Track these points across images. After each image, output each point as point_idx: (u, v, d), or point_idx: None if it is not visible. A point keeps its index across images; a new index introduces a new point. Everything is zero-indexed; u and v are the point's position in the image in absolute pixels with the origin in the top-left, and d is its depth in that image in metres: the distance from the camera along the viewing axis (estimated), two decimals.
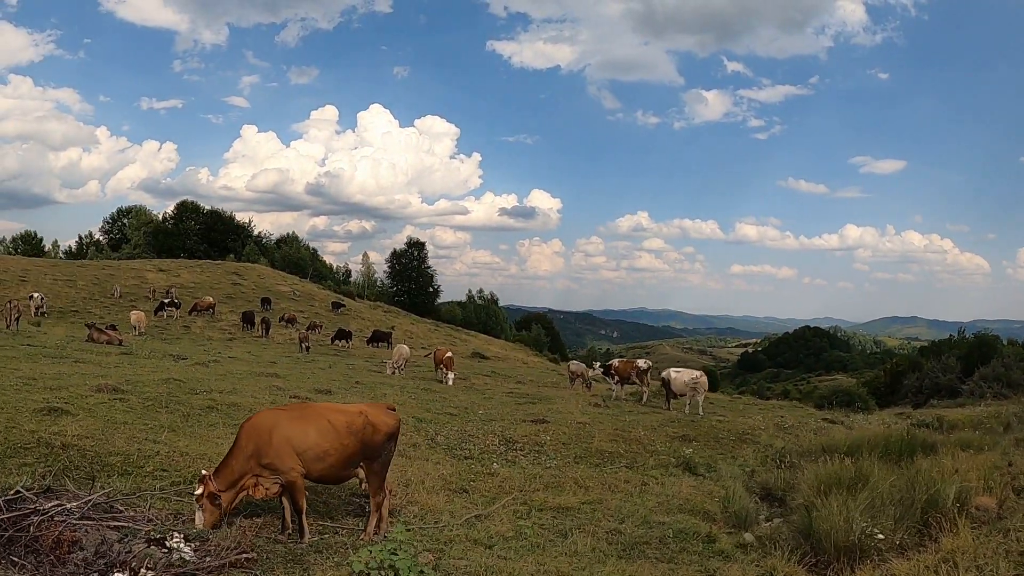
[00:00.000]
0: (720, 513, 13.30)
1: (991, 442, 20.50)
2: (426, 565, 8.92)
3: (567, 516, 12.74)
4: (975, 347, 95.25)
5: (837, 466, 14.80)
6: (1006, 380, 72.28)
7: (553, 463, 17.30)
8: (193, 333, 50.09)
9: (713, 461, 18.78)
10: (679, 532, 11.79)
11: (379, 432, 10.84)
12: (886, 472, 14.14)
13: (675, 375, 27.52)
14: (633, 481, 15.71)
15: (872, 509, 11.68)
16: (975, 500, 12.65)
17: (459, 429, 19.67)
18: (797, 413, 33.16)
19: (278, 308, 64.97)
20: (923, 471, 13.88)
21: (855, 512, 11.06)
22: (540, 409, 24.67)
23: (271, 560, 9.44)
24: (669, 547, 11.18)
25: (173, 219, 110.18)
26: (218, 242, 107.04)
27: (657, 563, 10.46)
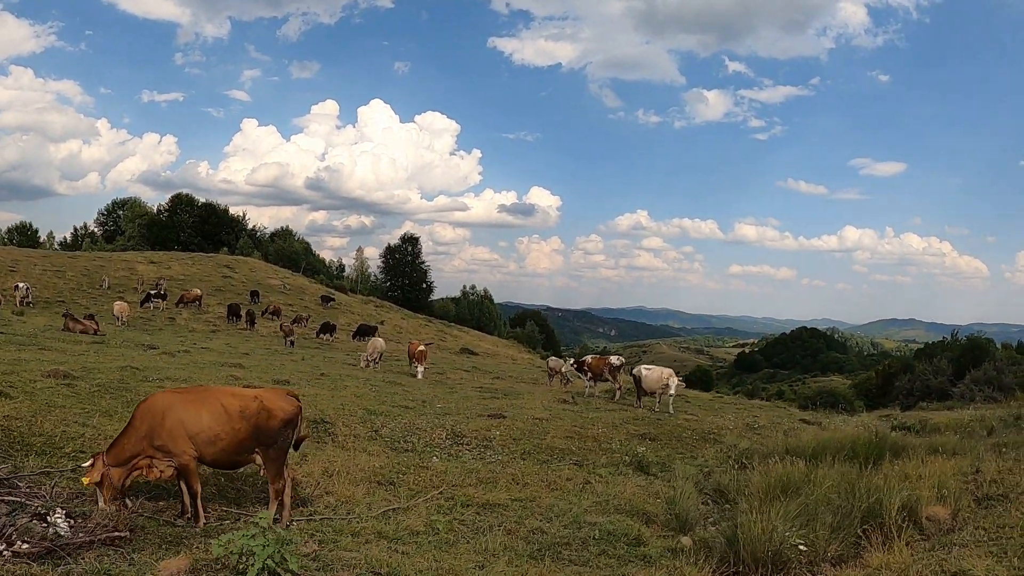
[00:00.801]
0: (663, 515, 12.79)
1: (967, 447, 19.89)
2: (296, 554, 8.72)
3: (492, 513, 12.34)
4: (967, 350, 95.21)
5: (787, 469, 14.52)
6: (997, 383, 72.09)
7: (497, 458, 16.90)
8: (177, 325, 49.69)
9: (670, 461, 18.36)
10: (607, 534, 11.35)
11: (274, 418, 10.55)
12: (836, 477, 13.79)
13: (646, 372, 27.10)
14: (576, 479, 15.27)
15: (806, 517, 11.24)
16: (927, 510, 12.25)
17: (409, 422, 19.20)
18: (775, 414, 32.81)
19: (267, 301, 64.58)
20: (871, 477, 13.54)
21: (777, 520, 10.50)
22: (502, 404, 24.25)
23: (145, 540, 9.32)
24: (589, 549, 10.75)
25: (167, 212, 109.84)
26: (212, 235, 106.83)
27: (568, 565, 10.04)
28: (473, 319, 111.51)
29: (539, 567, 9.59)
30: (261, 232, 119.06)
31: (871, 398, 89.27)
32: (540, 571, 9.39)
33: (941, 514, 12.19)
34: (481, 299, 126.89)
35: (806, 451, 17.99)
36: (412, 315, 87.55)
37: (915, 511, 12.11)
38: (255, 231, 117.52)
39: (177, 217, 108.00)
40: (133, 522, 9.73)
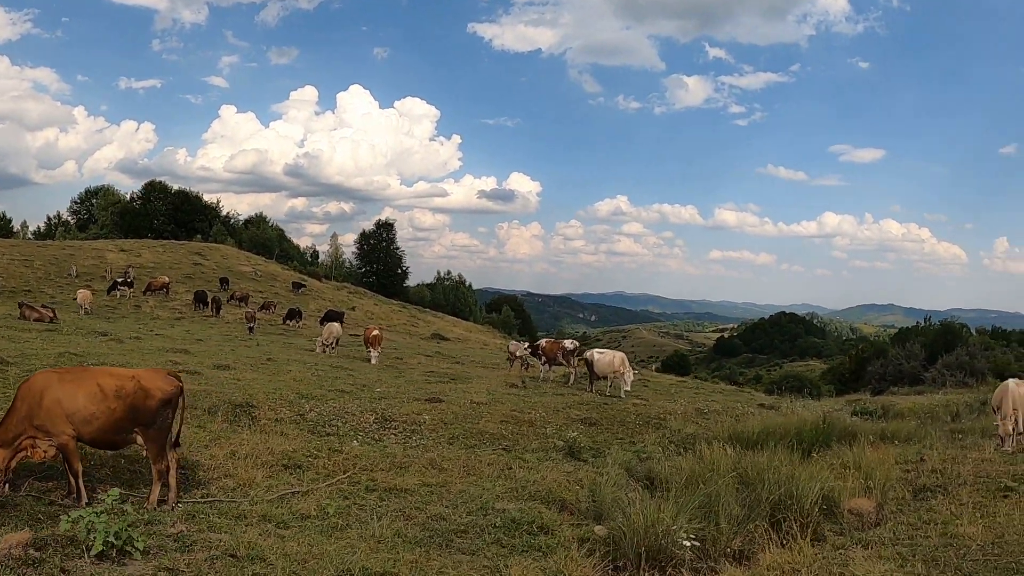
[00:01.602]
0: (584, 502, 12.42)
1: (922, 433, 19.91)
2: (159, 534, 8.81)
3: (397, 498, 12.00)
4: (940, 335, 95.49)
5: (713, 456, 14.22)
6: (969, 369, 72.25)
7: (421, 443, 16.66)
8: (142, 312, 49.31)
9: (607, 446, 18.07)
10: (511, 521, 10.90)
11: (152, 398, 10.29)
12: (764, 465, 13.20)
13: (598, 356, 26.82)
14: (497, 464, 14.87)
15: (709, 508, 10.68)
16: (850, 502, 11.74)
17: (340, 406, 18.88)
18: (736, 398, 32.64)
19: (237, 288, 64.02)
20: (798, 466, 12.91)
21: (667, 513, 9.86)
22: (446, 388, 23.94)
23: (7, 517, 9.31)
24: (484, 537, 10.33)
25: (141, 199, 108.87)
26: (186, 223, 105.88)
27: (454, 554, 9.60)
28: (448, 305, 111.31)
29: (418, 554, 9.16)
30: (235, 219, 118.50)
31: (844, 383, 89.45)
32: (416, 558, 8.97)
33: (865, 507, 11.65)
34: (456, 285, 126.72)
35: (750, 437, 17.77)
36: (385, 301, 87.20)
37: (837, 503, 11.70)
38: (229, 218, 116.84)
39: (150, 205, 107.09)
40: None
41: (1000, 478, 13.10)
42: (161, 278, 59.46)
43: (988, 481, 13.01)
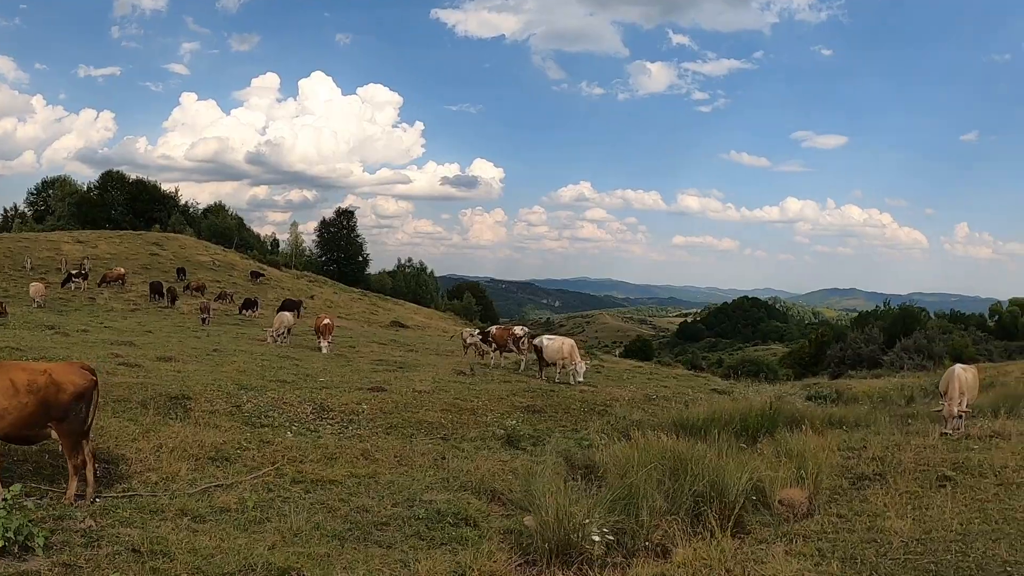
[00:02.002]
0: (517, 492, 12.27)
1: (871, 418, 19.52)
2: (67, 530, 8.64)
3: (324, 490, 11.80)
4: (899, 319, 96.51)
5: (647, 443, 14.01)
6: (927, 352, 72.93)
7: (357, 433, 16.47)
8: (97, 305, 48.92)
9: (548, 434, 18.12)
10: (437, 513, 10.78)
11: (64, 392, 10.08)
12: (701, 453, 12.93)
13: (547, 343, 26.76)
14: (432, 454, 14.77)
15: (629, 501, 10.22)
16: (781, 492, 11.18)
17: (278, 397, 18.69)
18: (691, 383, 32.73)
19: (194, 279, 63.53)
20: (735, 455, 12.36)
21: (576, 506, 9.42)
22: (391, 377, 23.82)
23: None
24: (404, 530, 10.19)
25: (98, 190, 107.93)
26: (144, 212, 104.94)
27: (369, 547, 9.43)
28: (410, 292, 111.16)
29: (330, 548, 9.02)
30: (194, 208, 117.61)
31: (804, 367, 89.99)
32: (326, 552, 8.79)
33: (796, 498, 11.05)
34: (418, 272, 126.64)
35: (695, 423, 17.55)
36: (346, 289, 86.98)
37: (768, 494, 11.15)
38: (188, 207, 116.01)
39: (108, 195, 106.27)
40: None
41: (940, 466, 12.67)
42: (117, 269, 58.97)
43: (928, 470, 12.58)
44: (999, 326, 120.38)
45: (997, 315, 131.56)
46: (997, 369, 53.38)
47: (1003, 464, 12.38)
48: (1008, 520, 9.49)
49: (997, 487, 11.23)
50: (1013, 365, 55.90)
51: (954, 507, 10.24)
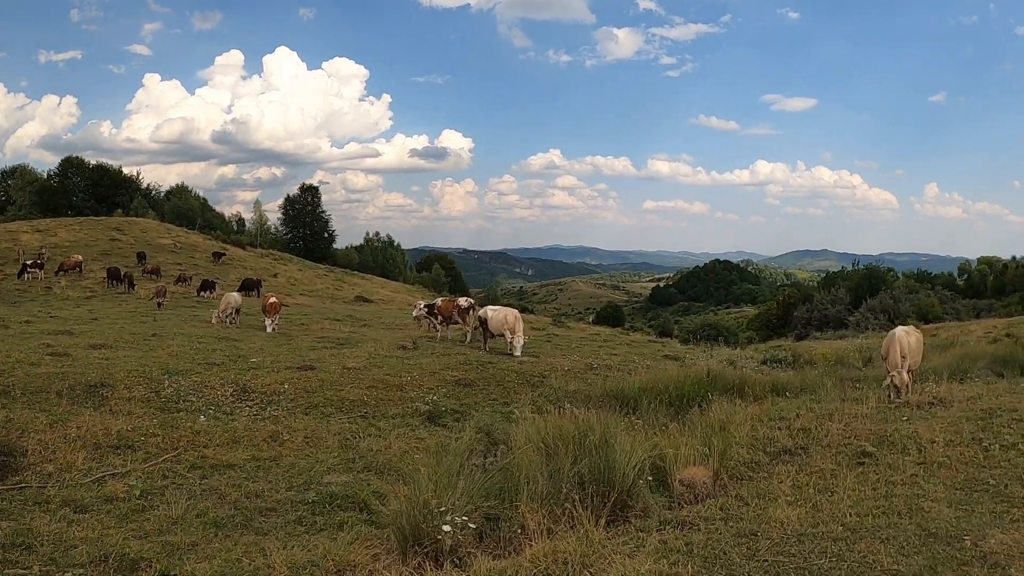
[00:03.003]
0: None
1: (816, 383, 19.12)
2: None
3: (222, 475, 11.72)
4: (865, 279, 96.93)
5: (551, 417, 13.36)
6: (893, 312, 73.53)
7: (274, 414, 16.33)
8: (53, 294, 48.55)
9: (475, 409, 17.99)
10: (328, 497, 10.67)
11: None
12: (568, 432, 11.62)
13: (491, 314, 26.58)
14: (344, 434, 14.73)
15: (510, 483, 9.29)
16: (682, 472, 10.20)
17: (201, 380, 18.52)
18: (643, 350, 32.64)
19: (155, 262, 63.03)
20: (590, 429, 10.38)
21: (427, 493, 8.40)
22: (327, 354, 23.69)
23: None
24: (287, 516, 10.09)
25: (58, 177, 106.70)
26: (106, 198, 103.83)
27: (246, 535, 9.28)
28: (377, 266, 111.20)
29: (199, 536, 8.90)
30: (156, 191, 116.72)
31: (772, 328, 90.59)
32: (193, 541, 8.65)
33: (700, 477, 10.15)
34: (386, 246, 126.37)
35: (628, 393, 17.50)
36: (311, 266, 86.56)
37: (668, 473, 10.25)
38: (150, 190, 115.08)
39: (68, 182, 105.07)
40: None
41: (864, 440, 11.84)
42: (74, 257, 58.37)
43: (852, 444, 11.74)
44: (968, 285, 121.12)
45: (966, 274, 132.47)
46: (960, 328, 53.92)
47: (931, 439, 11.48)
48: (912, 510, 8.58)
49: (917, 466, 10.38)
50: (976, 324, 56.41)
51: (860, 491, 9.43)
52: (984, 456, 10.56)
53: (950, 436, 11.64)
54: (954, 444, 11.24)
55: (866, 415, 13.74)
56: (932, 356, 25.40)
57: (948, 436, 11.64)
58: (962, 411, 13.55)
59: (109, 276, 53.59)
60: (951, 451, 10.88)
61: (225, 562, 8.06)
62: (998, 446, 10.92)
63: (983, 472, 9.88)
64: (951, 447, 11.10)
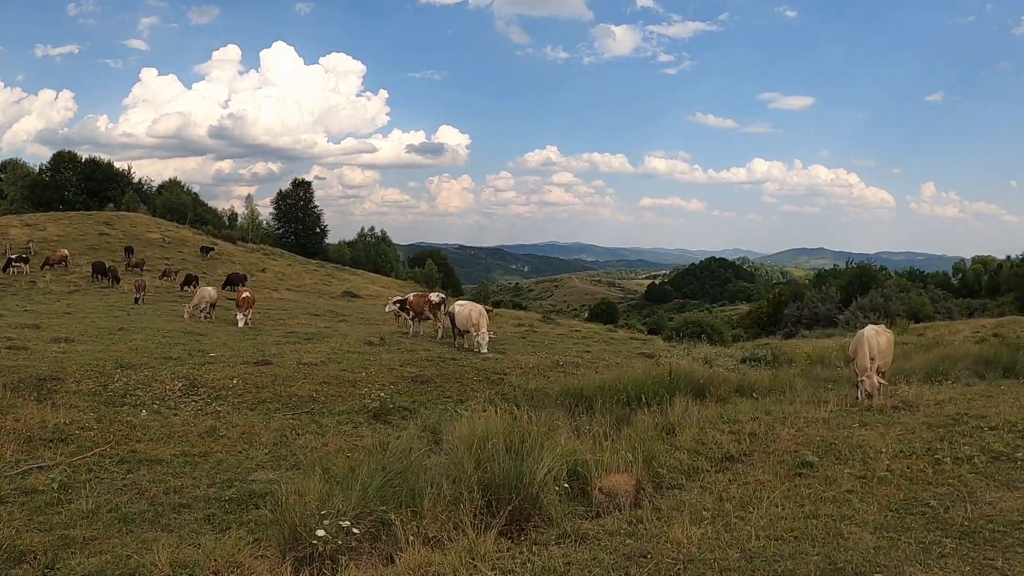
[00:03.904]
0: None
1: (786, 384, 18.54)
2: None
3: (149, 470, 11.73)
4: (856, 277, 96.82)
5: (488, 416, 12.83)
6: (884, 311, 73.37)
7: (218, 410, 16.33)
8: (37, 288, 48.32)
9: (427, 406, 17.81)
10: (247, 495, 10.60)
11: None
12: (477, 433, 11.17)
13: (458, 309, 26.55)
14: (283, 430, 14.70)
15: (409, 487, 8.90)
16: (604, 480, 9.55)
17: (152, 374, 18.52)
18: (619, 348, 32.55)
19: (142, 256, 62.86)
20: (499, 433, 9.72)
21: (311, 497, 8.24)
22: (287, 350, 23.59)
23: None
24: (199, 513, 10.03)
25: (50, 171, 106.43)
26: (97, 192, 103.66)
27: (151, 531, 9.23)
28: (369, 261, 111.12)
29: (103, 530, 8.92)
30: (148, 186, 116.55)
31: (762, 326, 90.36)
32: (95, 534, 8.72)
33: (622, 486, 9.46)
34: (378, 241, 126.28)
35: (586, 392, 17.26)
36: (302, 261, 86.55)
37: (588, 481, 9.69)
38: (142, 184, 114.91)
39: (60, 176, 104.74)
40: None
41: (809, 449, 11.16)
42: (60, 251, 58.01)
43: (796, 452, 11.04)
44: (963, 284, 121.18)
45: (961, 273, 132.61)
46: (948, 327, 53.50)
47: (880, 448, 10.89)
48: (829, 536, 7.82)
49: (856, 480, 9.68)
50: (965, 324, 56.03)
51: (783, 509, 8.70)
52: (933, 471, 9.95)
53: (902, 446, 11.11)
54: (903, 456, 10.68)
55: (822, 420, 13.22)
56: (914, 356, 25.39)
57: (900, 446, 11.11)
58: (927, 417, 13.17)
59: (94, 271, 53.30)
60: (898, 464, 10.27)
61: (113, 558, 8.00)
62: (951, 459, 10.33)
63: (926, 491, 9.19)
64: (899, 459, 10.51)
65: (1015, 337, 36.57)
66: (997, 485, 9.33)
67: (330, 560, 7.58)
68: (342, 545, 7.66)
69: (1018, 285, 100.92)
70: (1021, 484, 9.30)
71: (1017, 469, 9.96)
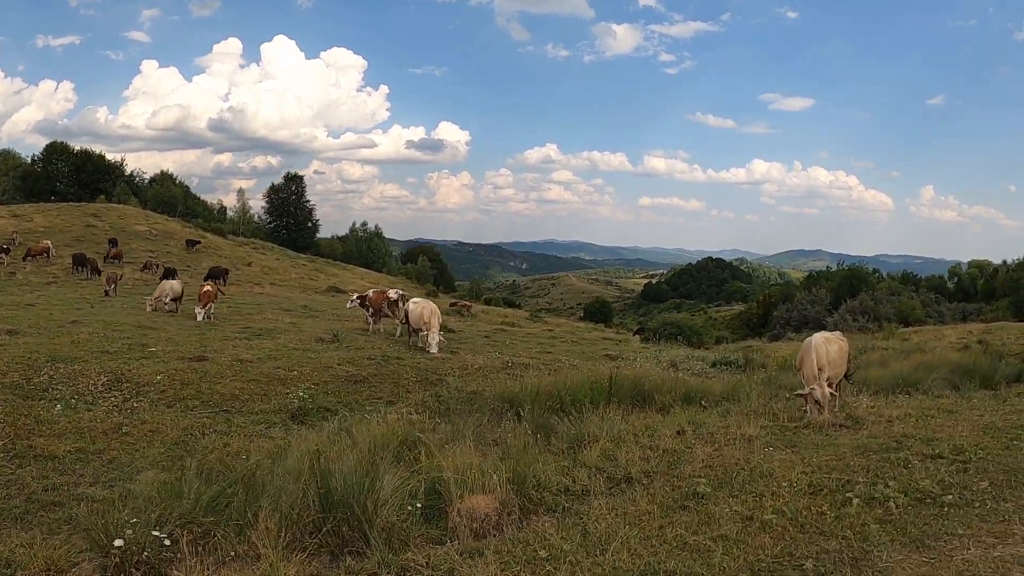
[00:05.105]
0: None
1: (743, 392, 16.61)
2: None
3: (39, 465, 11.82)
4: (846, 279, 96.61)
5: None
6: (873, 314, 73.23)
7: (136, 406, 16.22)
8: (17, 279, 48.30)
9: (351, 408, 17.51)
10: (127, 494, 9.79)
11: None
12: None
13: (412, 307, 26.38)
14: (191, 428, 14.64)
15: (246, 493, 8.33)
16: (466, 501, 8.50)
17: (80, 369, 18.42)
18: (585, 348, 32.49)
19: (127, 248, 62.87)
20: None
21: (136, 503, 7.83)
22: (229, 345, 23.45)
23: None
24: (67, 512, 9.93)
25: (42, 162, 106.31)
26: (89, 184, 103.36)
27: (9, 527, 9.14)
28: (361, 256, 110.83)
29: None
30: (140, 178, 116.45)
31: (752, 328, 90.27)
32: None
33: (483, 508, 8.45)
34: (371, 236, 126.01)
35: (520, 397, 16.39)
36: (290, 255, 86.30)
37: (450, 500, 8.59)
38: (133, 177, 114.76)
39: (52, 167, 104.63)
40: None
41: (711, 473, 9.74)
42: (42, 243, 57.94)
43: (695, 478, 9.54)
44: (958, 288, 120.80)
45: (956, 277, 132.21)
46: (935, 332, 53.17)
47: (789, 479, 9.19)
48: None
49: (737, 522, 7.93)
50: (952, 329, 55.66)
51: (625, 558, 7.19)
52: (834, 515, 7.99)
53: (816, 477, 9.28)
54: (809, 492, 8.83)
55: (749, 437, 11.62)
56: (891, 363, 24.98)
57: (813, 477, 9.28)
58: (868, 437, 11.49)
59: (74, 262, 53.17)
60: (796, 503, 8.39)
61: None
62: (863, 500, 8.35)
63: (812, 544, 7.36)
64: (801, 496, 8.66)
65: (1000, 344, 36.49)
66: (905, 541, 7.36)
67: (153, 570, 7.12)
68: (165, 556, 7.19)
69: (1013, 289, 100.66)
70: (935, 541, 7.31)
71: (939, 519, 7.86)
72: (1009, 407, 14.26)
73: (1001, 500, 8.20)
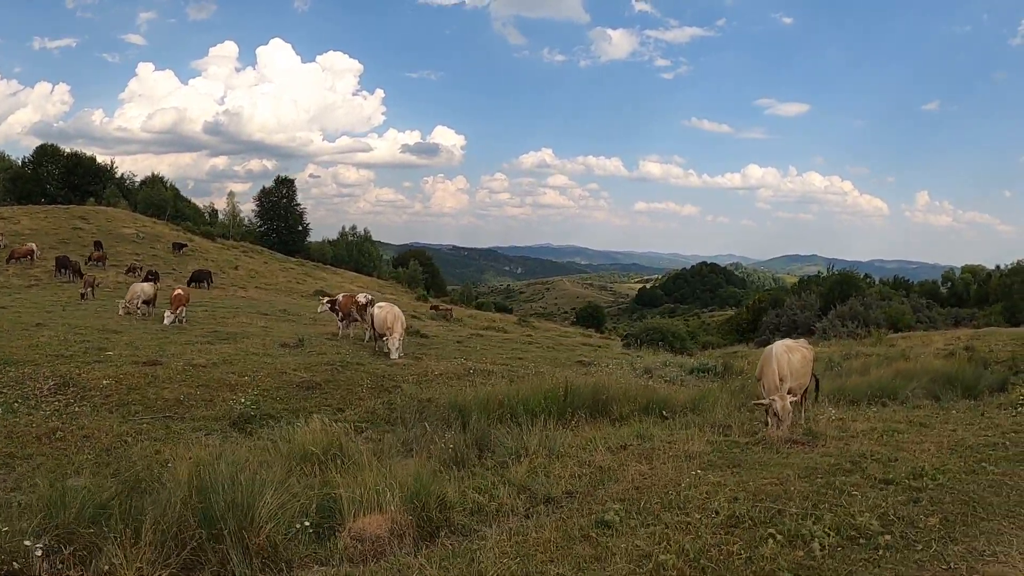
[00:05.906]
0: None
1: (709, 403, 16.51)
2: None
3: None
4: (836, 284, 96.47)
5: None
6: (863, 319, 73.08)
7: (77, 410, 16.14)
8: None
9: (298, 415, 16.38)
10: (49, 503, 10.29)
11: None
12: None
13: (377, 312, 26.37)
14: (125, 435, 14.50)
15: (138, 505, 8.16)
16: (360, 520, 8.22)
17: (29, 372, 18.47)
18: (556, 354, 32.38)
19: (113, 251, 62.84)
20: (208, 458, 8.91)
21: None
22: (190, 349, 23.41)
23: None
24: None
25: (32, 164, 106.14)
26: (79, 186, 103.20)
27: None
28: (352, 260, 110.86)
29: None
30: (130, 180, 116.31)
31: (741, 333, 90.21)
32: None
33: (374, 530, 8.08)
34: (362, 240, 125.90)
35: (470, 407, 15.50)
36: (280, 259, 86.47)
37: (344, 520, 8.36)
38: (123, 179, 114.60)
39: (42, 169, 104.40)
40: None
41: (627, 498, 9.02)
42: (26, 245, 57.92)
43: (606, 504, 8.75)
44: (951, 293, 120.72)
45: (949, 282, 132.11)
46: (924, 338, 52.98)
47: (711, 508, 8.38)
48: None
49: (634, 560, 7.07)
50: (940, 335, 55.45)
51: None
52: (745, 557, 7.07)
53: (742, 507, 8.35)
54: (728, 524, 7.96)
55: (690, 454, 11.12)
56: (872, 371, 24.77)
57: (738, 507, 8.35)
58: (821, 456, 10.84)
59: (58, 265, 53.18)
60: (707, 538, 7.50)
61: None
62: (782, 538, 7.37)
63: None
64: (716, 530, 7.78)
65: (987, 350, 36.23)
66: None
67: None
68: (44, 568, 7.03)
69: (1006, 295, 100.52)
70: None
71: (868, 565, 6.85)
72: (987, 420, 14.04)
73: (949, 542, 7.25)
